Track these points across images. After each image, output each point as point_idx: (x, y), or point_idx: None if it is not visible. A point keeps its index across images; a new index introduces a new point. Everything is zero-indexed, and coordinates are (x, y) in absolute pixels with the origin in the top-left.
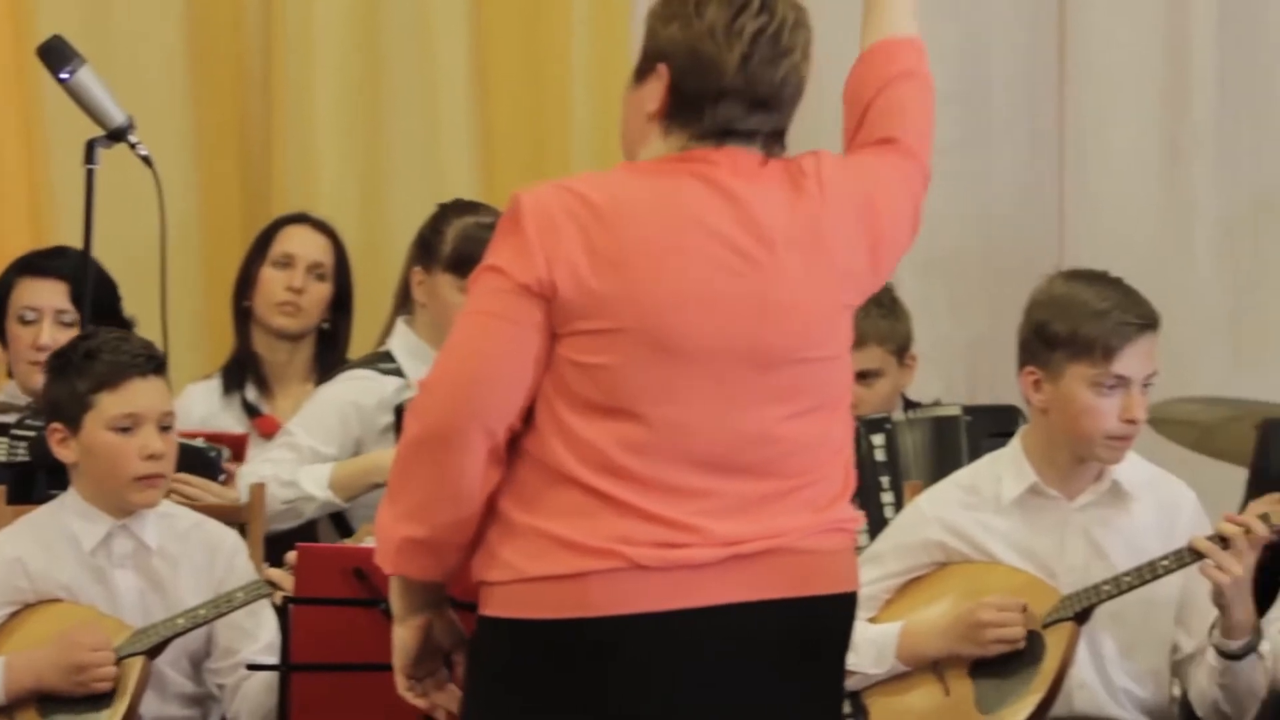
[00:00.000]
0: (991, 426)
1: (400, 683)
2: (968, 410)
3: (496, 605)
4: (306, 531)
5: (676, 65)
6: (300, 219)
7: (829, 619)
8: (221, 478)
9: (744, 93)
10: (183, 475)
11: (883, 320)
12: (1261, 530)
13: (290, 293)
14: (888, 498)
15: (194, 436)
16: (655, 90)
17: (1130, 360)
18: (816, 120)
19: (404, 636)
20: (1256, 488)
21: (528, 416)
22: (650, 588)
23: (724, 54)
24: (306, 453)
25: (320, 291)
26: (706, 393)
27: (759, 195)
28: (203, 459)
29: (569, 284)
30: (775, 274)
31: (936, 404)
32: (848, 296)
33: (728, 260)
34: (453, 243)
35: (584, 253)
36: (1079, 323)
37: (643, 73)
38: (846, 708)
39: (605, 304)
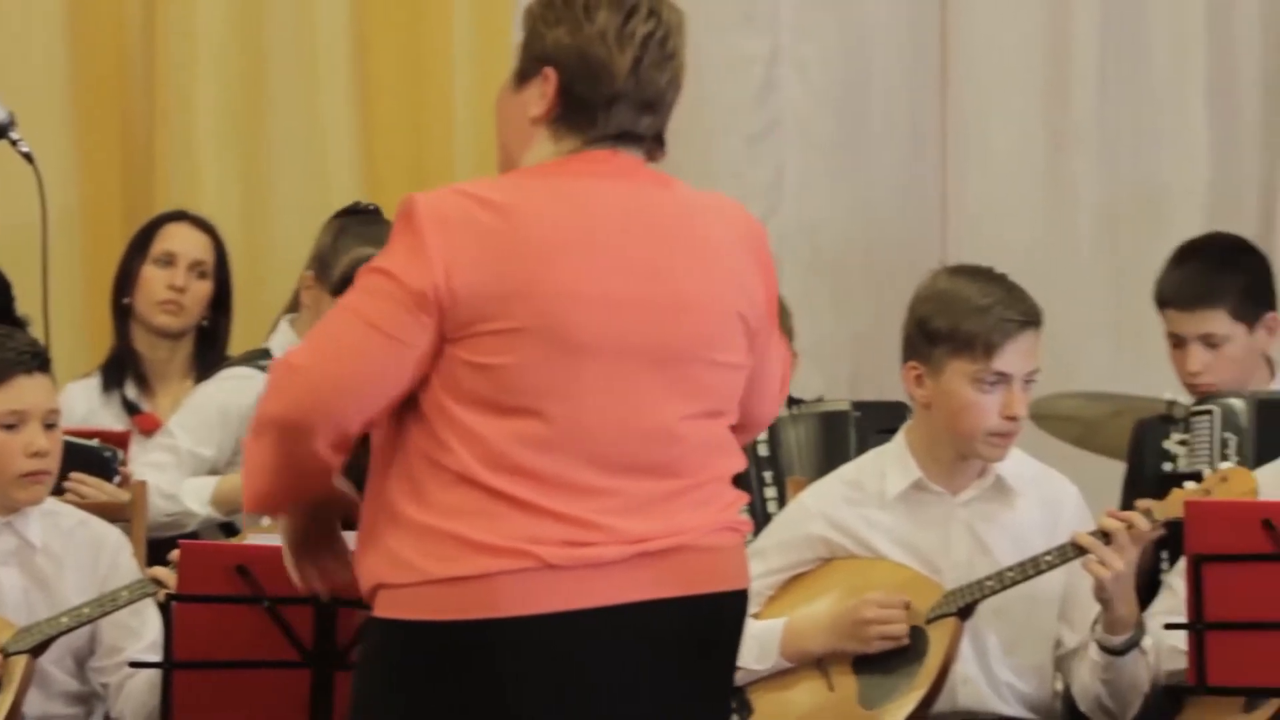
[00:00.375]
0: (880, 422)
1: (292, 566)
2: (857, 406)
3: (394, 607)
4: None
5: (566, 69)
6: (180, 216)
7: (726, 616)
8: (116, 479)
9: (635, 97)
10: (78, 475)
11: None
12: (1144, 525)
13: (172, 291)
14: (770, 493)
15: (82, 435)
16: (541, 94)
17: (1011, 357)
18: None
19: (287, 523)
20: (1132, 486)
21: (418, 416)
22: (558, 587)
23: (616, 59)
24: (185, 456)
25: (201, 289)
26: (608, 390)
27: (652, 197)
28: (98, 459)
29: (466, 288)
30: (673, 273)
31: (820, 400)
32: (740, 304)
33: (627, 259)
34: (345, 270)
35: (482, 255)
36: (960, 319)
37: (525, 75)
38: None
39: (505, 305)
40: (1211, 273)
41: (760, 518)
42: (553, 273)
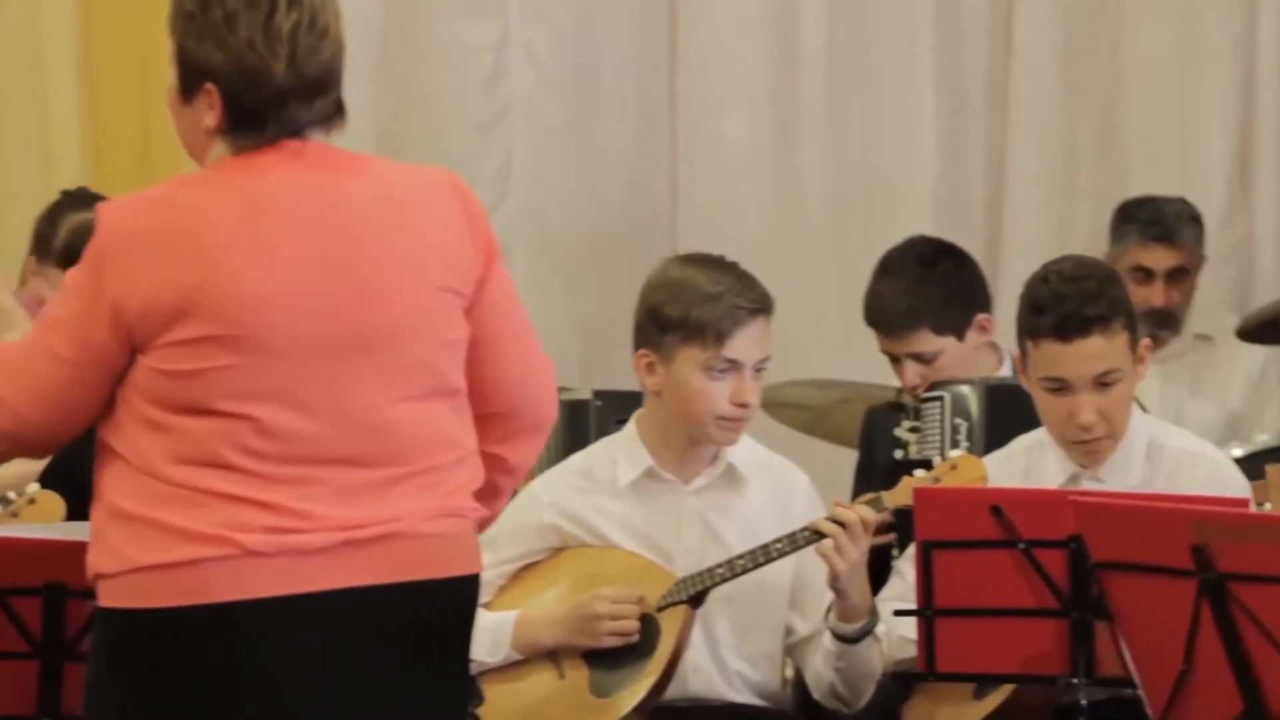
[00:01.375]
0: (621, 411)
1: None
2: (598, 395)
3: (112, 596)
4: None
5: (225, 83)
6: None
7: (446, 603)
8: None
9: (299, 88)
10: None
11: None
12: (871, 515)
13: None
14: None
15: None
16: (209, 106)
17: (742, 344)
18: None
19: None
20: (864, 473)
21: (128, 417)
22: (263, 573)
23: (270, 61)
24: None
25: None
26: (310, 386)
27: (342, 184)
28: None
29: (146, 304)
30: (367, 259)
31: (563, 389)
32: (447, 278)
33: (313, 253)
34: (64, 237)
35: (167, 266)
36: (691, 306)
37: (189, 91)
38: None
39: (186, 316)
40: (910, 292)
41: None
42: (231, 279)
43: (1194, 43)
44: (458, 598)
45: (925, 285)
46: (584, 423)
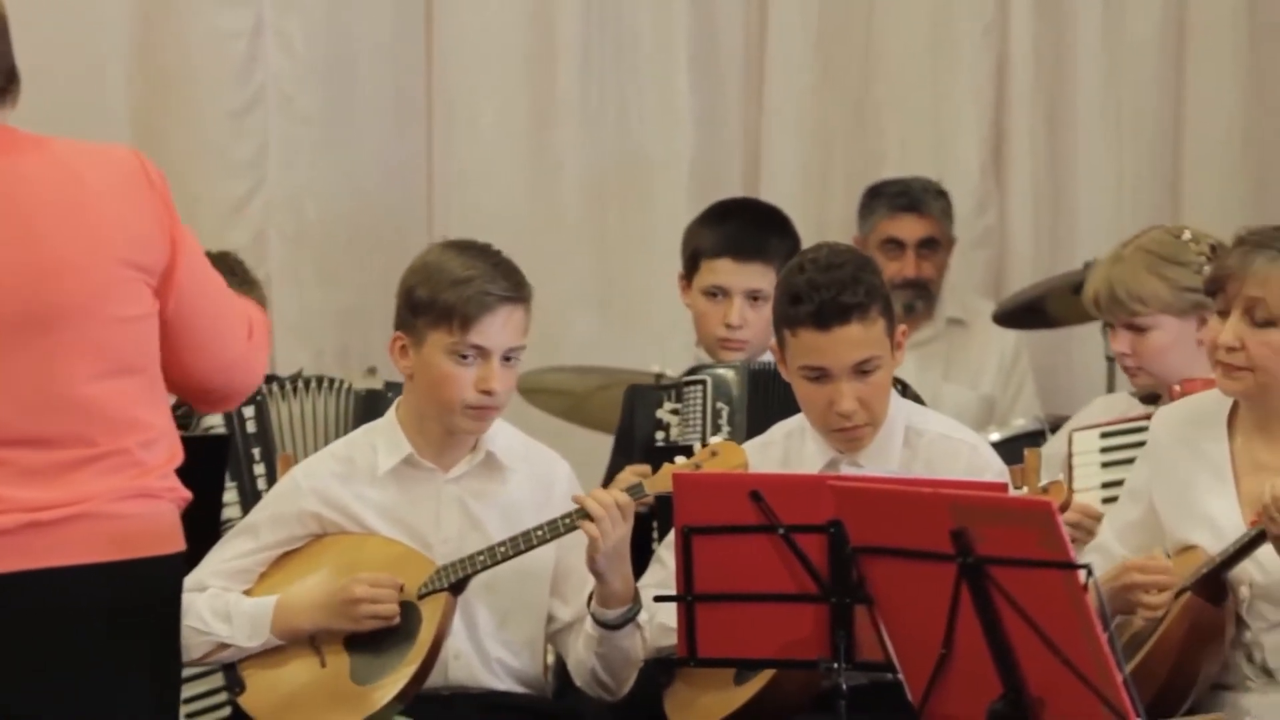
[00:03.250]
0: None
1: None
2: (390, 386)
3: None
4: None
5: None
6: None
7: (146, 583)
8: None
9: None
10: None
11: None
12: (624, 500)
13: None
14: (260, 469)
15: None
16: None
17: (488, 331)
18: None
19: None
20: (623, 451)
21: None
22: None
23: None
24: None
25: None
26: None
27: (8, 160)
28: None
29: None
30: (43, 237)
31: (300, 374)
32: (127, 251)
33: None
34: None
35: None
36: (440, 290)
37: None
38: (222, 680)
39: None
40: (766, 232)
41: (250, 495)
42: None
43: (946, 29)
44: (155, 578)
45: (775, 232)
46: (379, 414)
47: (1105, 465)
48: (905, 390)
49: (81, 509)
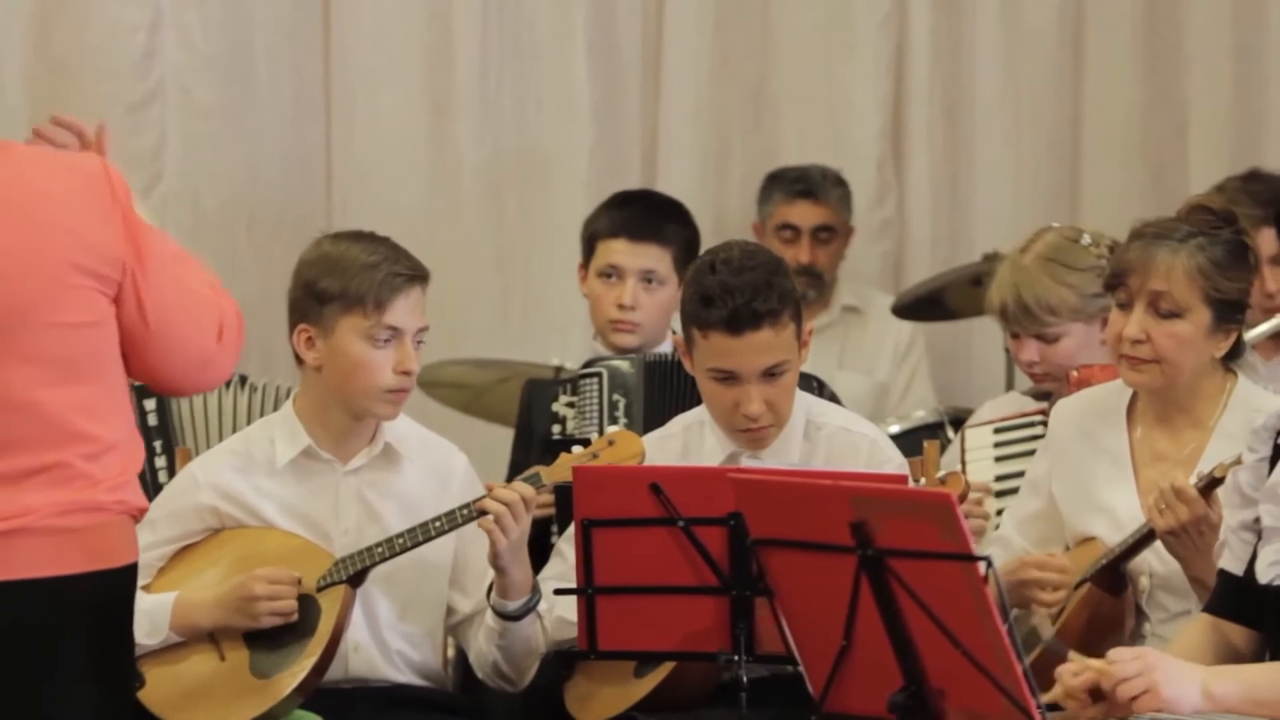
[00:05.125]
0: None
1: None
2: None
3: None
4: None
5: None
6: None
7: (90, 597)
8: None
9: None
10: None
11: None
12: (530, 493)
13: None
14: (160, 463)
15: None
16: None
17: (401, 311)
18: None
19: None
20: (521, 445)
21: None
22: None
23: None
24: None
25: None
26: None
27: None
28: None
29: None
30: None
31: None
32: (77, 255)
33: None
34: None
35: None
36: (350, 277)
37: None
38: None
39: None
40: (663, 217)
41: (150, 488)
42: None
43: (844, 19)
44: (98, 592)
45: (674, 219)
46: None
47: (999, 459)
48: (822, 390)
49: (21, 523)
